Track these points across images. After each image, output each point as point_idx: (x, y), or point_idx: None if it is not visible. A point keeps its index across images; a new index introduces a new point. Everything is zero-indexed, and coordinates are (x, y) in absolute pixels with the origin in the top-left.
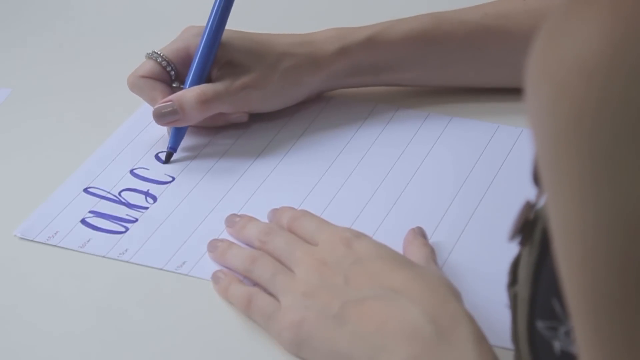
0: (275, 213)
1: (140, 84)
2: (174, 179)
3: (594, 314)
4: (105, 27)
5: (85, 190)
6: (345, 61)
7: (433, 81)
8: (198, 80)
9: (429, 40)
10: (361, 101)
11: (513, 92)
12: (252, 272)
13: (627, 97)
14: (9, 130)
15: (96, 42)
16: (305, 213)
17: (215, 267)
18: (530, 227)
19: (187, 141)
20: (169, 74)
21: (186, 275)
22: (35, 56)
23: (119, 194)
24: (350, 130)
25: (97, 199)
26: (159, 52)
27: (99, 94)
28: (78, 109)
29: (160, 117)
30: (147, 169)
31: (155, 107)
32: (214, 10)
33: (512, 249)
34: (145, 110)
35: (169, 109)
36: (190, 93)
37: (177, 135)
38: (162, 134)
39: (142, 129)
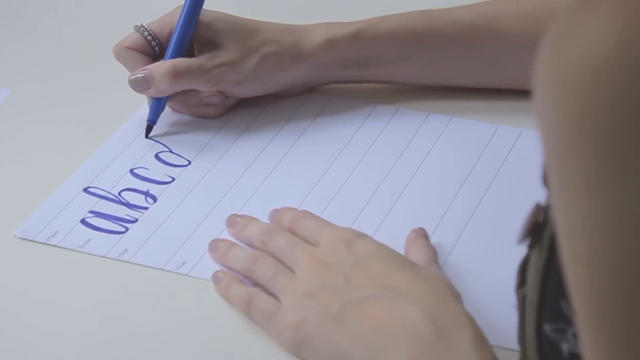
0: (276, 213)
1: (124, 54)
2: (174, 179)
3: (599, 313)
4: (105, 27)
5: (85, 190)
6: (332, 53)
7: (422, 79)
8: (176, 55)
9: (418, 37)
10: (361, 101)
11: (513, 92)
12: (253, 272)
13: (634, 96)
14: (8, 130)
15: (97, 42)
16: (306, 213)
17: (215, 267)
18: (539, 230)
19: (186, 141)
20: (153, 48)
21: (186, 275)
22: (35, 56)
23: (119, 194)
24: (350, 130)
25: (97, 199)
26: (146, 26)
27: (99, 94)
28: (78, 109)
29: (133, 84)
30: (147, 169)
31: (131, 74)
32: None
33: (513, 250)
34: (145, 110)
35: (140, 78)
36: (162, 64)
37: (156, 108)
38: (161, 133)
39: (142, 129)
